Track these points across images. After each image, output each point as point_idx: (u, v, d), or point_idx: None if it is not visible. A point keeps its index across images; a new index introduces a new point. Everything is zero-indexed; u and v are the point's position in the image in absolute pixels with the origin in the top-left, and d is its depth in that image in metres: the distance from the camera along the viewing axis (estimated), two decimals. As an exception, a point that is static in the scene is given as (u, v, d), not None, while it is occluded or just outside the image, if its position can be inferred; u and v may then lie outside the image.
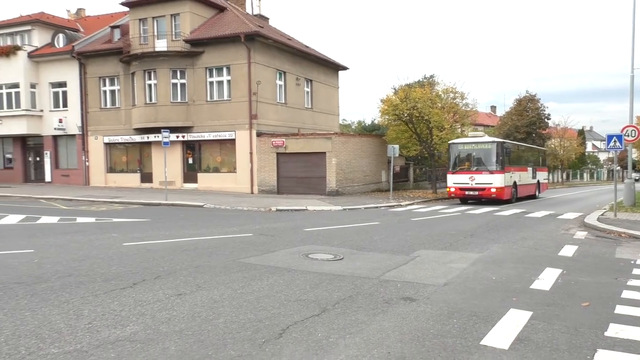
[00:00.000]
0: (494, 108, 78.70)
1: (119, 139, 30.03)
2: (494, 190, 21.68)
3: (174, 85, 27.55)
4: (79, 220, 14.94)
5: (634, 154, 56.39)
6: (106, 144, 30.63)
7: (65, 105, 31.68)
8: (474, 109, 40.05)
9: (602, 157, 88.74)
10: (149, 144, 29.15)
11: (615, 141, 15.50)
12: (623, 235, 12.41)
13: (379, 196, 25.52)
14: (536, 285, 6.95)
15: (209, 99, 27.52)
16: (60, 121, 31.27)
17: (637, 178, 42.65)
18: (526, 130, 43.48)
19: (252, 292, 6.35)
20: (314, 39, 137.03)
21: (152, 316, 5.29)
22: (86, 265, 7.88)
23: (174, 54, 27.20)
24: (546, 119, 46.29)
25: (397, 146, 24.23)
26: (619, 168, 43.85)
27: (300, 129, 29.26)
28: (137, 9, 28.26)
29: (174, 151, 27.58)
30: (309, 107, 31.79)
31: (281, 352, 4.35)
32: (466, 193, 22.50)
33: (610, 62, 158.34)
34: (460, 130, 34.97)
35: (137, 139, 29.25)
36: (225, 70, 27.09)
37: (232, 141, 27.04)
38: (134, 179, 29.99)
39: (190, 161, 28.69)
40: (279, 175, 26.26)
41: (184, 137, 27.90)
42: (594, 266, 8.49)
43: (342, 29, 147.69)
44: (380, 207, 20.39)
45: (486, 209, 19.96)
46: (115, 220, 15.07)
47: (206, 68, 27.35)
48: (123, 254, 9.00)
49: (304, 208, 19.00)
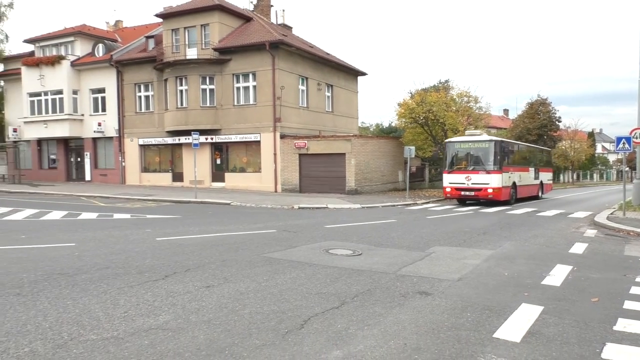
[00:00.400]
0: (506, 111, 77.56)
1: (153, 141, 30.40)
2: (490, 191, 19.85)
3: (204, 90, 27.78)
4: (116, 216, 15.15)
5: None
6: (141, 145, 31.03)
7: (103, 109, 32.19)
8: (487, 112, 39.62)
9: (612, 158, 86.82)
10: (180, 145, 29.44)
11: (624, 143, 15.17)
12: (632, 233, 12.13)
13: (395, 195, 25.38)
14: (547, 281, 6.83)
15: (235, 104, 27.68)
16: (99, 124, 31.80)
17: None
18: (537, 133, 42.77)
19: (276, 285, 6.36)
20: (334, 46, 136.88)
21: (182, 306, 5.33)
22: (122, 258, 7.99)
23: (203, 61, 27.43)
24: (557, 122, 45.45)
25: (413, 147, 24.05)
26: (627, 169, 42.80)
27: (321, 131, 29.25)
28: (170, 20, 28.60)
29: (203, 152, 27.81)
30: (330, 110, 31.75)
31: (303, 342, 4.34)
32: (462, 193, 20.69)
33: (619, 67, 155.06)
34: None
35: (169, 141, 29.57)
36: (251, 77, 27.22)
37: (257, 143, 27.16)
38: (166, 178, 30.32)
39: (218, 162, 28.90)
40: (301, 175, 26.29)
41: (212, 139, 28.11)
42: (603, 263, 8.32)
43: (362, 36, 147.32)
44: (397, 205, 20.27)
45: (498, 207, 19.70)
46: (149, 216, 15.25)
47: (233, 74, 27.51)
48: (156, 248, 9.09)
49: (324, 206, 18.98)
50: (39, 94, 33.05)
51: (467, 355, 4.11)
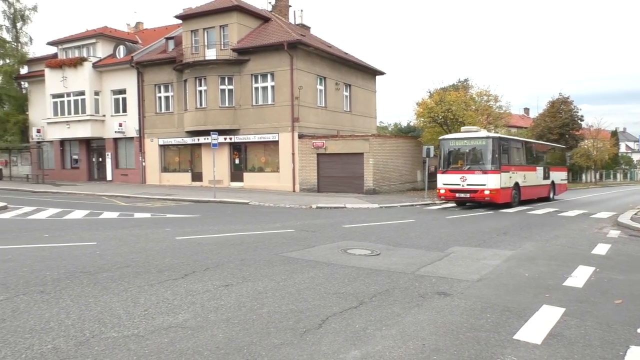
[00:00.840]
0: (527, 110, 76.54)
1: (172, 141, 30.72)
2: (487, 193, 18.02)
3: (222, 91, 27.98)
4: (136, 215, 15.34)
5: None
6: (161, 145, 31.38)
7: (124, 110, 32.66)
8: (507, 111, 39.15)
9: (636, 157, 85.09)
10: (199, 145, 29.71)
11: (648, 142, 14.77)
12: (657, 234, 11.85)
13: (414, 195, 25.24)
14: (569, 283, 6.72)
15: (254, 104, 27.82)
16: (120, 125, 32.25)
17: None
18: (559, 132, 42.14)
19: (294, 285, 6.38)
20: (352, 45, 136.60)
21: (201, 305, 5.38)
22: (142, 257, 8.08)
23: (222, 62, 27.62)
24: (579, 121, 44.72)
25: (432, 147, 23.84)
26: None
27: (339, 131, 29.23)
28: (190, 21, 28.89)
29: (221, 152, 28.01)
30: (348, 110, 31.72)
31: (321, 342, 4.34)
32: (457, 195, 18.96)
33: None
34: (494, 131, 34.22)
35: (189, 141, 29.85)
36: (269, 77, 27.33)
37: (276, 143, 27.26)
38: (185, 178, 30.62)
39: (237, 161, 29.08)
40: (319, 175, 26.31)
41: (231, 139, 28.30)
42: (627, 264, 8.15)
43: (380, 35, 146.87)
44: (416, 205, 20.14)
45: (519, 207, 19.44)
46: (168, 215, 15.40)
47: (252, 75, 27.65)
48: (175, 247, 9.18)
49: (342, 206, 18.96)
50: (61, 95, 33.66)
51: (487, 357, 4.06)
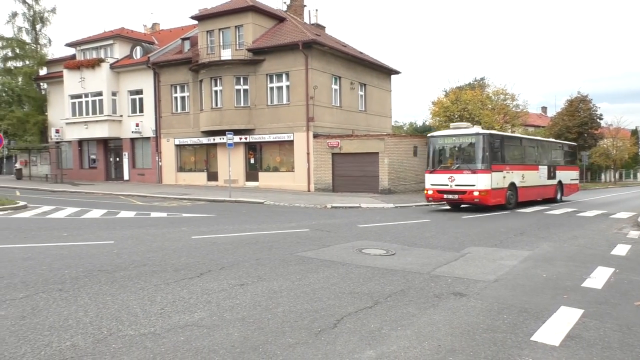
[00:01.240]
0: (544, 109, 75.57)
1: (188, 141, 30.95)
2: (476, 194, 16.75)
3: (238, 91, 28.11)
4: (153, 215, 15.49)
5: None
6: (177, 145, 31.64)
7: (141, 110, 32.99)
8: (524, 110, 38.76)
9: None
10: (214, 145, 29.89)
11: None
12: (679, 235, 11.62)
13: (429, 194, 25.07)
14: (588, 284, 6.62)
15: (269, 103, 27.90)
16: (137, 125, 32.60)
17: None
18: (578, 131, 41.58)
19: (309, 284, 6.38)
20: (367, 44, 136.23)
21: (217, 304, 5.41)
22: (159, 256, 8.16)
23: (237, 62, 27.75)
24: (598, 119, 44.06)
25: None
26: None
27: (354, 130, 29.18)
28: (205, 21, 29.08)
29: (237, 152, 28.15)
30: (363, 109, 31.65)
31: (336, 341, 4.34)
32: (444, 196, 17.67)
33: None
34: (510, 130, 33.92)
35: (204, 140, 30.05)
36: (284, 76, 27.39)
37: (291, 142, 27.31)
38: (201, 178, 30.83)
39: (252, 161, 29.19)
40: (334, 174, 26.29)
41: (246, 138, 28.42)
42: (648, 266, 8.00)
43: (395, 34, 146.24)
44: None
45: (537, 207, 19.22)
46: (184, 215, 15.52)
47: (267, 74, 27.74)
48: (191, 246, 9.24)
49: (357, 205, 18.93)
50: (79, 96, 34.13)
51: (504, 358, 4.02)
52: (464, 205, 18.36)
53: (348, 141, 26.01)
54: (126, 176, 34.01)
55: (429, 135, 19.43)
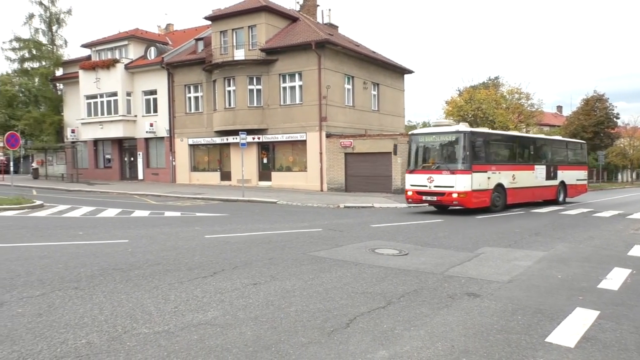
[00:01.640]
0: (560, 108, 74.76)
1: (202, 140, 31.14)
2: (455, 196, 15.91)
3: (251, 91, 28.22)
4: (167, 214, 15.60)
5: None
6: (190, 145, 31.85)
7: (155, 110, 33.27)
8: (539, 109, 38.42)
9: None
10: (227, 145, 30.03)
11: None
12: (698, 236, 11.42)
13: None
14: (604, 285, 6.54)
15: (282, 103, 27.97)
16: (151, 125, 32.87)
17: None
18: (594, 130, 41.09)
19: (322, 284, 6.38)
20: (380, 44, 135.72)
21: (230, 303, 5.43)
22: (173, 255, 8.21)
23: (250, 62, 27.86)
24: (615, 119, 43.50)
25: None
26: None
27: (367, 130, 29.12)
28: (219, 22, 29.24)
29: (250, 152, 28.24)
30: (376, 109, 31.58)
31: (348, 341, 4.34)
32: (423, 198, 16.78)
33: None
34: (525, 130, 33.62)
35: (218, 140, 30.21)
36: (297, 76, 27.43)
37: (304, 142, 27.34)
38: (214, 177, 31.00)
39: (265, 161, 29.29)
40: (346, 174, 26.27)
41: (259, 138, 28.52)
42: (666, 267, 7.88)
43: (409, 33, 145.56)
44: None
45: (552, 207, 19.01)
46: (198, 214, 15.61)
47: (280, 74, 27.81)
48: (205, 245, 9.29)
49: (370, 205, 18.88)
50: (95, 96, 34.51)
51: (518, 360, 3.99)
52: (450, 207, 17.51)
53: (361, 141, 25.97)
54: (140, 176, 34.32)
55: (410, 133, 18.68)
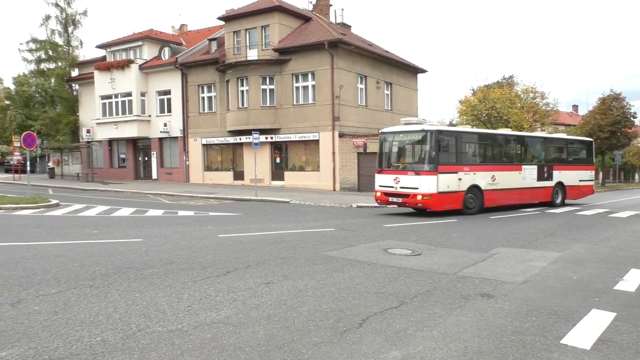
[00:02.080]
0: (575, 107, 73.86)
1: (215, 140, 31.30)
2: (419, 198, 15.20)
3: (264, 90, 28.30)
4: (180, 213, 15.71)
5: None
6: (204, 145, 32.03)
7: (169, 110, 33.52)
8: (554, 109, 37.98)
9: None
10: (241, 144, 30.15)
11: None
12: None
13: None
14: (620, 286, 6.45)
15: (295, 103, 28.01)
16: (165, 125, 33.13)
17: None
18: (610, 130, 40.49)
19: (334, 284, 6.38)
20: (393, 43, 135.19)
21: (243, 302, 5.45)
22: (186, 254, 8.26)
23: (263, 62, 27.94)
24: (632, 118, 42.85)
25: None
26: None
27: (380, 129, 29.02)
28: (232, 22, 29.37)
29: (263, 151, 28.34)
30: (389, 109, 31.48)
31: (361, 341, 4.33)
32: (390, 199, 16.17)
33: None
34: (540, 129, 33.29)
35: (231, 140, 30.35)
36: (310, 76, 27.45)
37: (316, 142, 27.36)
38: (227, 177, 31.14)
39: (278, 160, 29.36)
40: (359, 174, 26.22)
41: (272, 138, 28.59)
42: (684, 269, 7.74)
43: (422, 32, 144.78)
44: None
45: (567, 207, 18.79)
46: (211, 214, 15.69)
47: (293, 74, 27.85)
48: (218, 244, 9.34)
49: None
50: (110, 97, 34.87)
51: (532, 361, 3.95)
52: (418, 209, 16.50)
53: (374, 140, 25.88)
54: (154, 175, 34.60)
55: (380, 131, 17.99)
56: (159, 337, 4.32)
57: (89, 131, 37.17)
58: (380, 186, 16.58)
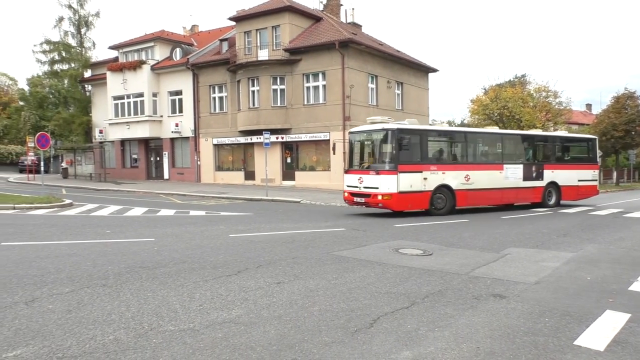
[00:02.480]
0: (589, 106, 73.05)
1: (226, 140, 31.43)
2: (380, 198, 14.90)
3: (274, 90, 28.37)
4: (192, 213, 15.78)
5: None
6: (215, 145, 32.18)
7: (180, 111, 33.72)
8: (567, 108, 37.63)
9: None
10: (251, 144, 30.25)
11: None
12: None
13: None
14: (635, 287, 6.37)
15: (305, 103, 28.04)
16: (177, 125, 33.33)
17: None
18: (624, 129, 39.96)
19: (345, 283, 6.37)
20: (404, 42, 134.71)
21: (254, 302, 5.47)
22: (198, 253, 8.30)
23: (274, 62, 28.01)
24: (647, 116, 42.25)
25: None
26: None
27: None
28: (242, 22, 29.48)
29: (273, 151, 28.39)
30: (400, 108, 31.38)
31: (372, 341, 4.32)
32: (355, 199, 15.96)
33: None
34: (552, 128, 33.00)
35: (242, 140, 30.45)
36: (320, 76, 27.46)
37: (327, 142, 27.34)
38: (238, 177, 31.25)
39: (289, 160, 29.40)
40: (370, 174, 26.11)
41: (282, 138, 28.64)
42: (701, 269, 7.62)
43: (433, 31, 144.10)
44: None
45: (581, 207, 18.60)
46: (222, 213, 15.75)
47: (303, 74, 27.88)
48: (229, 244, 9.37)
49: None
50: (122, 97, 35.16)
51: (545, 363, 3.92)
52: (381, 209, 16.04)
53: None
54: (166, 175, 34.82)
55: (349, 130, 17.79)
56: (171, 336, 4.35)
57: (101, 131, 37.50)
58: (347, 186, 16.38)
